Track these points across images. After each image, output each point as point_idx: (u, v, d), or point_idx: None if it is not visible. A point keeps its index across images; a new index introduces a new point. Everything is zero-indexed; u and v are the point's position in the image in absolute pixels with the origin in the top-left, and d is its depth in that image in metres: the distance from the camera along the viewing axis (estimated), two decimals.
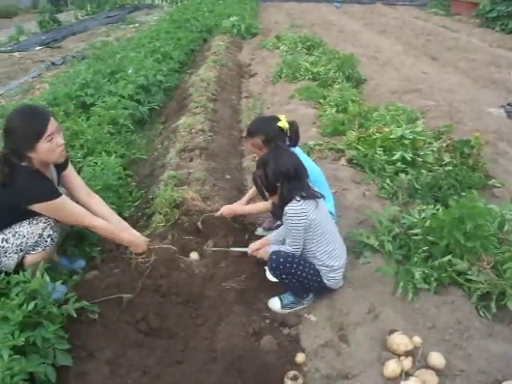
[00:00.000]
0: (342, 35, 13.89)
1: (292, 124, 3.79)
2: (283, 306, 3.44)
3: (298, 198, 3.17)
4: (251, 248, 3.70)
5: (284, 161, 3.22)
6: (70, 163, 3.60)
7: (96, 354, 2.80)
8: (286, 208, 3.20)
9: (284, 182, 3.19)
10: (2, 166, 3.08)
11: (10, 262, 3.22)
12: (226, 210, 4.08)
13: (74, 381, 2.63)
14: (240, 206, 4.15)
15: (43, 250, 3.25)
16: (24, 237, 3.20)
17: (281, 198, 3.26)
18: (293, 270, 3.27)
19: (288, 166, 3.20)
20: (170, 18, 15.25)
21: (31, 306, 2.64)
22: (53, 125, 3.14)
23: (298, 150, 3.80)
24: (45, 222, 3.26)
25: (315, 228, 3.22)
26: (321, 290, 3.44)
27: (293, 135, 3.78)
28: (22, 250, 3.20)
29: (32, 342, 2.55)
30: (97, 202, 3.70)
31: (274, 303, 3.47)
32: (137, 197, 4.85)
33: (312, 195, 3.23)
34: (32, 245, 3.21)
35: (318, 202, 3.25)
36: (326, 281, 3.34)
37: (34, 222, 3.24)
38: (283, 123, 3.71)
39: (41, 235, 3.22)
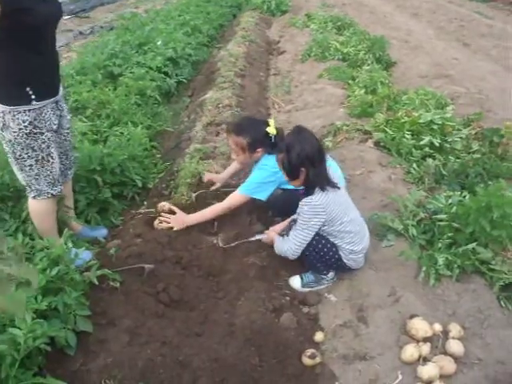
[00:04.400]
0: (373, 16, 13.66)
1: (279, 131, 3.72)
2: (304, 285, 3.44)
3: (318, 191, 3.09)
4: (269, 233, 3.65)
5: (310, 143, 3.10)
6: None
7: (116, 322, 2.83)
8: (304, 202, 3.12)
9: (309, 167, 3.08)
10: None
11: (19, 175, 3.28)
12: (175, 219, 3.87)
13: (94, 347, 2.66)
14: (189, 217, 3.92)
15: (39, 199, 3.31)
16: (37, 179, 3.24)
17: (306, 183, 3.16)
18: (312, 241, 3.26)
19: (313, 148, 3.09)
20: None
21: (54, 271, 2.68)
22: None
23: None
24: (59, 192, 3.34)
25: (333, 221, 3.17)
26: (340, 268, 3.42)
27: (278, 142, 3.64)
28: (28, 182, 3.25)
29: (54, 307, 2.58)
30: None
31: (295, 281, 3.47)
32: (161, 168, 4.87)
33: (331, 184, 3.14)
34: (36, 189, 3.26)
35: (336, 191, 3.16)
36: (345, 261, 3.32)
37: (53, 182, 3.28)
38: (272, 129, 3.64)
39: (45, 191, 3.28)
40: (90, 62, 6.96)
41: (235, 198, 3.78)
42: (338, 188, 3.18)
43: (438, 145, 4.72)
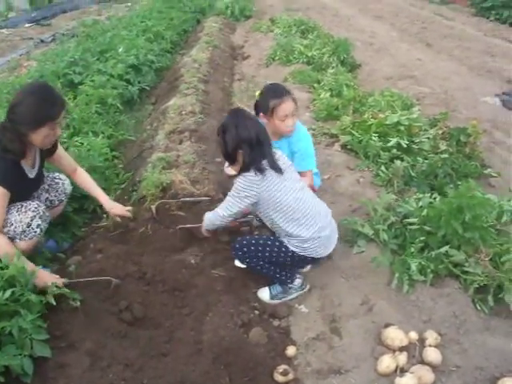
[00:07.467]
0: (336, 19, 13.72)
1: None
2: (272, 297, 3.33)
3: (255, 172, 3.02)
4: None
5: (245, 127, 3.06)
6: (59, 145, 3.51)
7: (76, 345, 2.69)
8: (242, 175, 3.07)
9: (246, 150, 3.03)
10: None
11: None
12: None
13: (53, 373, 2.52)
14: None
15: (30, 239, 3.12)
16: (12, 225, 3.07)
17: (242, 167, 3.09)
18: (258, 253, 3.17)
19: (250, 132, 3.05)
20: None
21: (8, 293, 2.53)
22: (62, 115, 3.10)
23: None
24: (34, 211, 3.14)
25: (274, 201, 3.07)
26: (304, 263, 3.34)
27: None
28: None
29: (8, 332, 2.44)
30: (79, 176, 3.72)
31: (264, 293, 3.36)
32: (124, 179, 4.74)
33: (274, 166, 3.06)
34: (19, 233, 3.07)
35: (280, 176, 3.08)
36: (302, 253, 3.13)
37: (23, 209, 3.12)
38: None
39: (29, 225, 3.11)
40: (49, 70, 6.78)
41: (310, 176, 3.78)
42: (281, 173, 3.09)
43: (405, 146, 4.68)
